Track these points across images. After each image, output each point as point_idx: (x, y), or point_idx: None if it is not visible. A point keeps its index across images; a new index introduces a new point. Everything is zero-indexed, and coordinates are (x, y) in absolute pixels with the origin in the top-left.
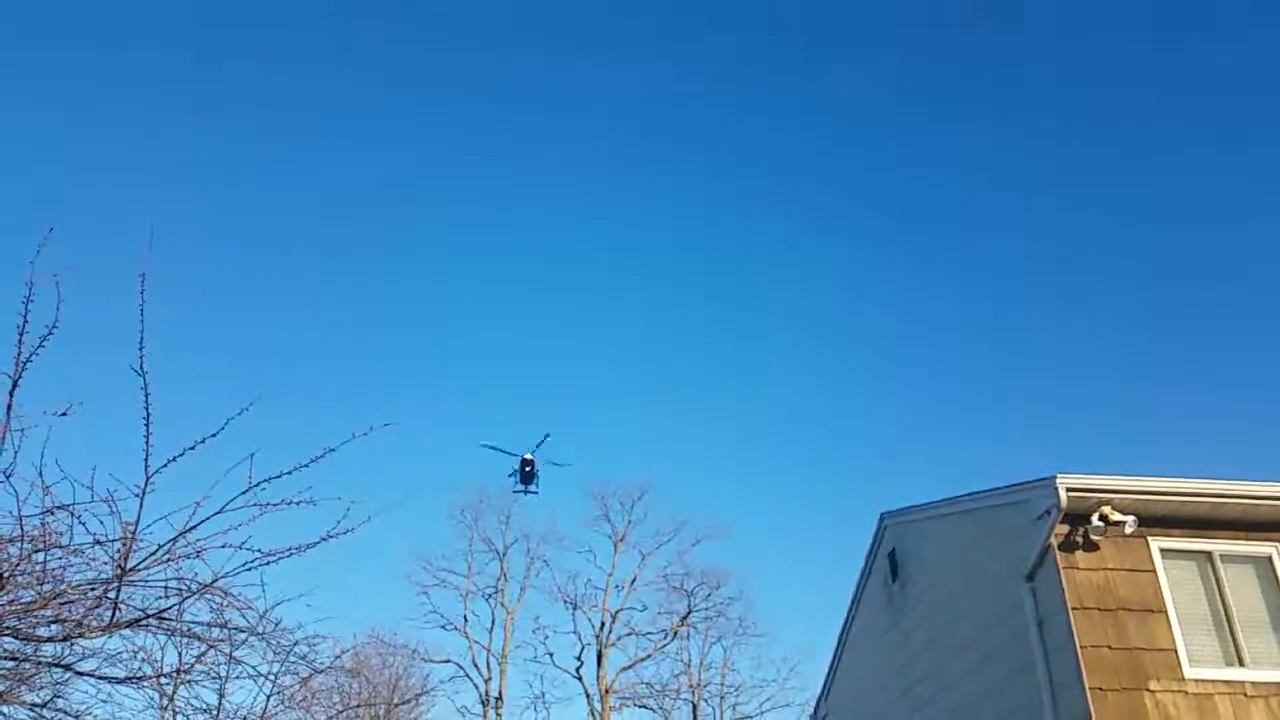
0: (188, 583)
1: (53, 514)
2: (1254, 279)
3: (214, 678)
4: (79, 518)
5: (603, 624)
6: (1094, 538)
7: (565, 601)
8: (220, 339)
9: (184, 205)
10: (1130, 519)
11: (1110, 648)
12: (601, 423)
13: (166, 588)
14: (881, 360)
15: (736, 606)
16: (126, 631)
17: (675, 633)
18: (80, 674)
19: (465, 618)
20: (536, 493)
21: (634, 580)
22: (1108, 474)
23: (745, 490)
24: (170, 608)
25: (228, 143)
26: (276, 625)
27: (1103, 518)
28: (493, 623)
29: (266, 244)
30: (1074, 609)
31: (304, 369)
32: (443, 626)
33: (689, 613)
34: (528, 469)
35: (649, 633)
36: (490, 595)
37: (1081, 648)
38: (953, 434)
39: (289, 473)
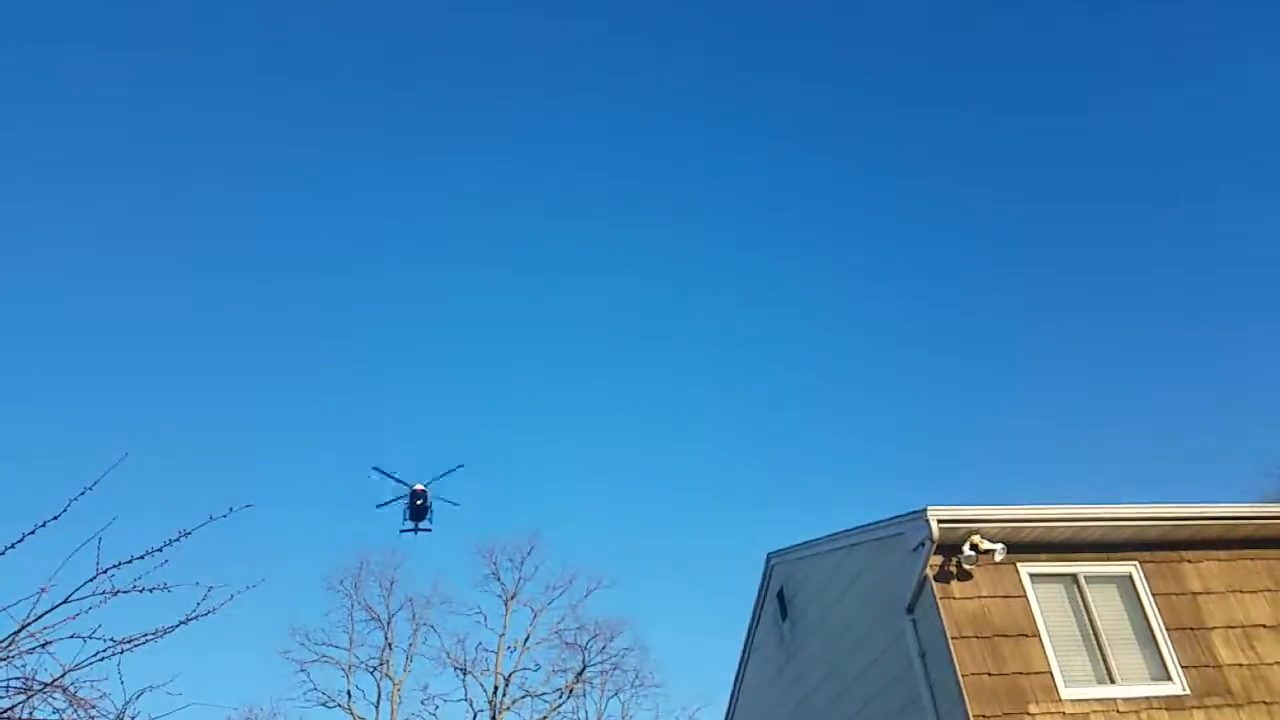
0: (31, 681)
1: None
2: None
3: None
4: None
5: (496, 688)
6: (967, 567)
7: (455, 668)
8: (71, 405)
9: None
10: (999, 547)
11: (990, 674)
12: (485, 477)
13: (8, 687)
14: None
15: (632, 658)
16: None
17: (571, 690)
18: None
19: (349, 693)
20: (429, 529)
21: (527, 639)
22: (976, 504)
23: (632, 538)
24: (13, 708)
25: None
26: None
27: (973, 547)
28: (379, 696)
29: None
30: (953, 638)
31: (162, 435)
32: (325, 704)
33: (584, 668)
34: (419, 503)
35: (544, 693)
36: (375, 668)
37: (963, 676)
38: (828, 472)
39: (141, 557)
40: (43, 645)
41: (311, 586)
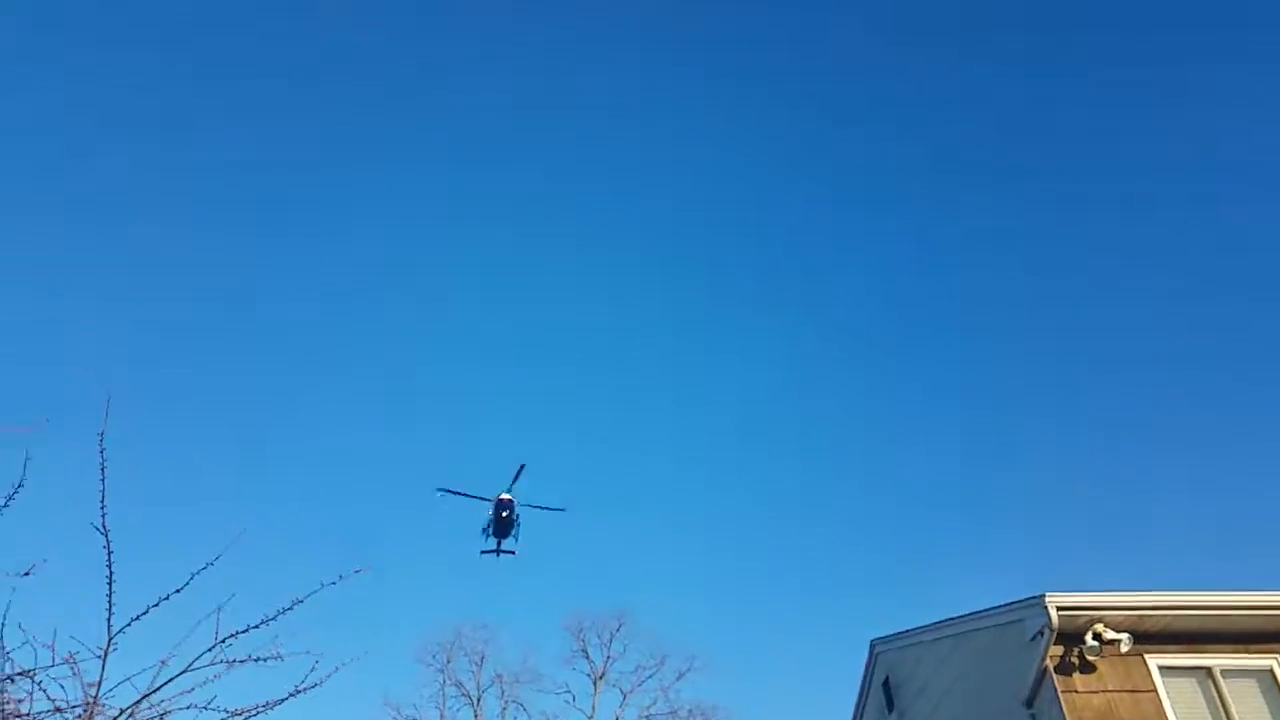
0: None
1: (12, 681)
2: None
3: None
4: (39, 683)
5: None
6: (1090, 658)
7: None
8: (190, 483)
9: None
10: (1125, 637)
11: None
12: (574, 546)
13: None
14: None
15: None
16: None
17: None
18: None
19: None
20: (514, 553)
21: None
22: (1098, 591)
23: (726, 616)
24: None
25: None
26: None
27: (1097, 636)
28: None
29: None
30: None
31: (277, 509)
32: None
33: None
34: (504, 515)
35: None
36: None
37: None
38: (934, 553)
39: (256, 626)
40: (161, 716)
41: (406, 655)
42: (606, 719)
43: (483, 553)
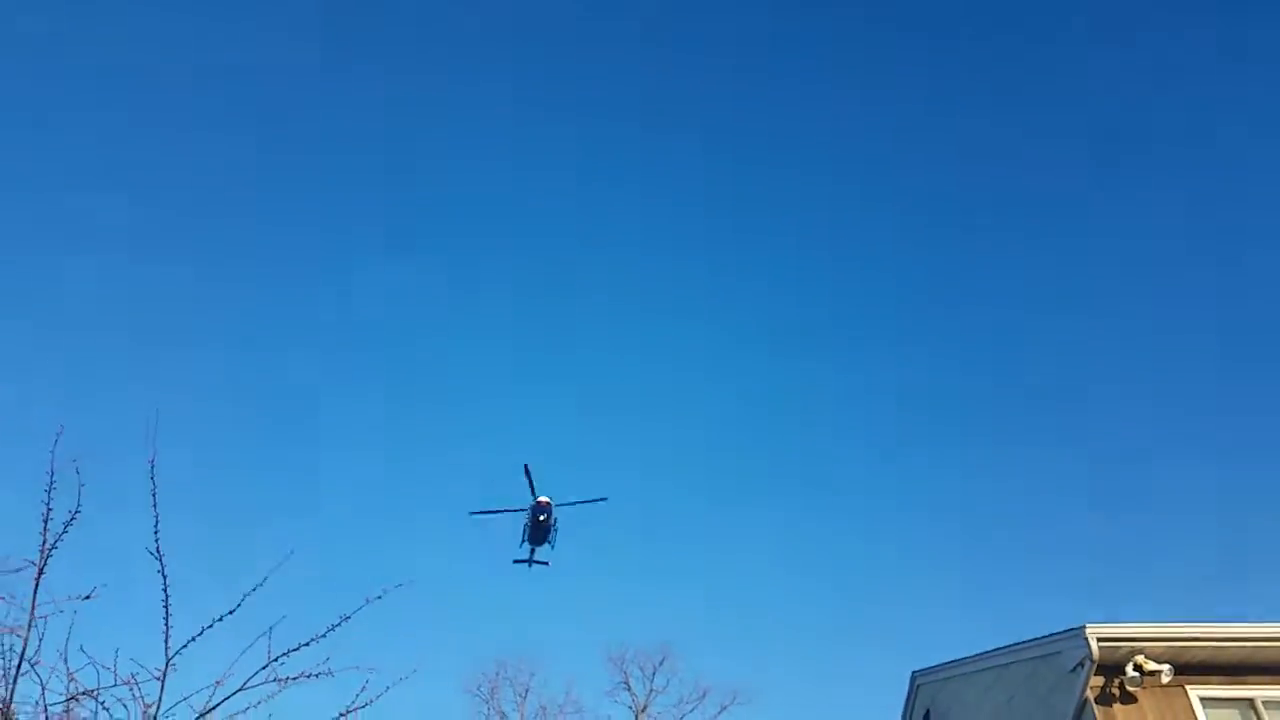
0: None
1: (77, 700)
2: None
3: None
4: (102, 703)
5: None
6: (1130, 689)
7: None
8: (238, 502)
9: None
10: (1166, 668)
11: None
12: (615, 580)
13: None
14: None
15: None
16: None
17: None
18: None
19: None
20: (547, 564)
21: None
22: (1138, 621)
23: (766, 653)
24: None
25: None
26: None
27: (1138, 668)
28: None
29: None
30: None
31: (324, 521)
32: None
33: None
34: (541, 519)
35: None
36: None
37: None
38: (969, 584)
39: (306, 644)
40: None
41: (452, 686)
42: None
43: (515, 562)
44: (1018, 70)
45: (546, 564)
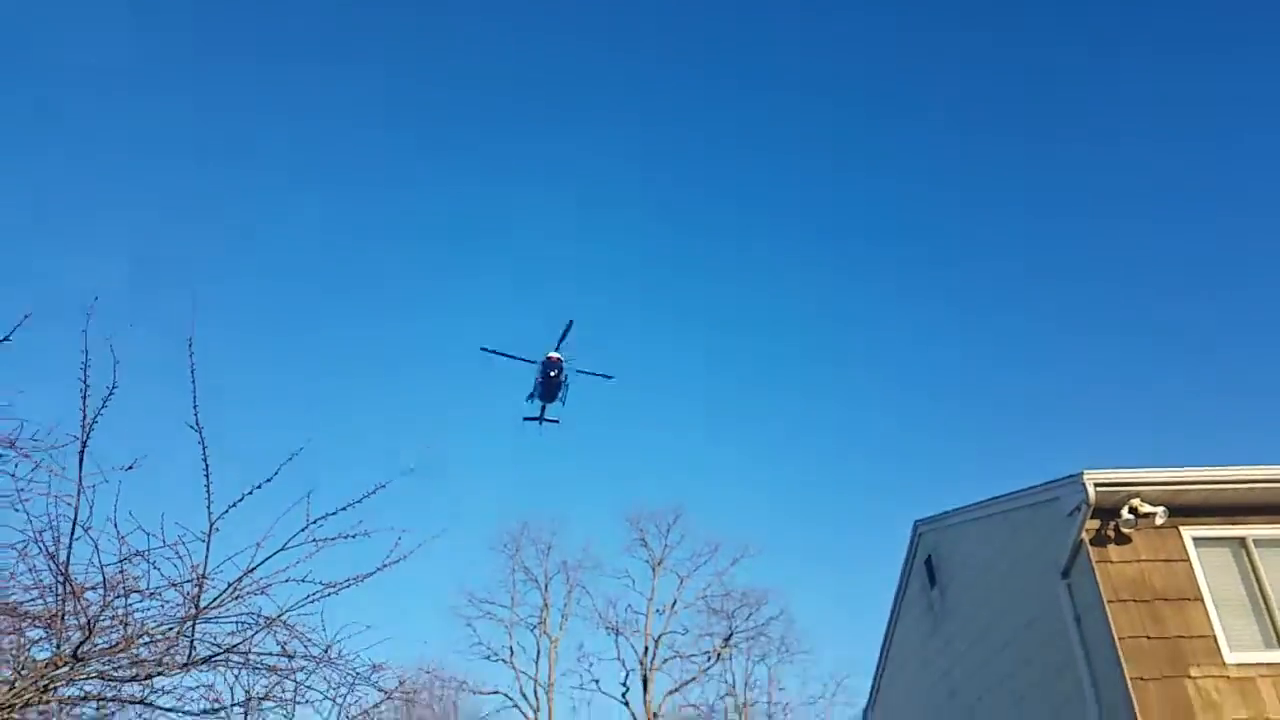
0: (255, 618)
1: (130, 561)
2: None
3: (282, 710)
4: (153, 563)
5: (646, 649)
6: (1125, 531)
7: (607, 628)
8: (274, 370)
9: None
10: (1160, 510)
11: (1149, 637)
12: (631, 443)
13: (237, 624)
14: (896, 371)
15: (777, 625)
16: (201, 668)
17: (719, 655)
18: (160, 710)
19: (510, 649)
20: (557, 421)
21: (674, 604)
22: (1135, 467)
23: (775, 508)
24: (241, 642)
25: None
26: (340, 654)
27: (1133, 510)
28: (538, 653)
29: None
30: (1110, 602)
31: (353, 393)
32: (488, 658)
33: (731, 634)
34: (553, 375)
35: (692, 655)
36: (534, 626)
37: (1120, 639)
38: (976, 438)
39: (343, 509)
40: (262, 590)
41: (477, 545)
42: (665, 601)
43: (525, 419)
44: None
45: (556, 422)
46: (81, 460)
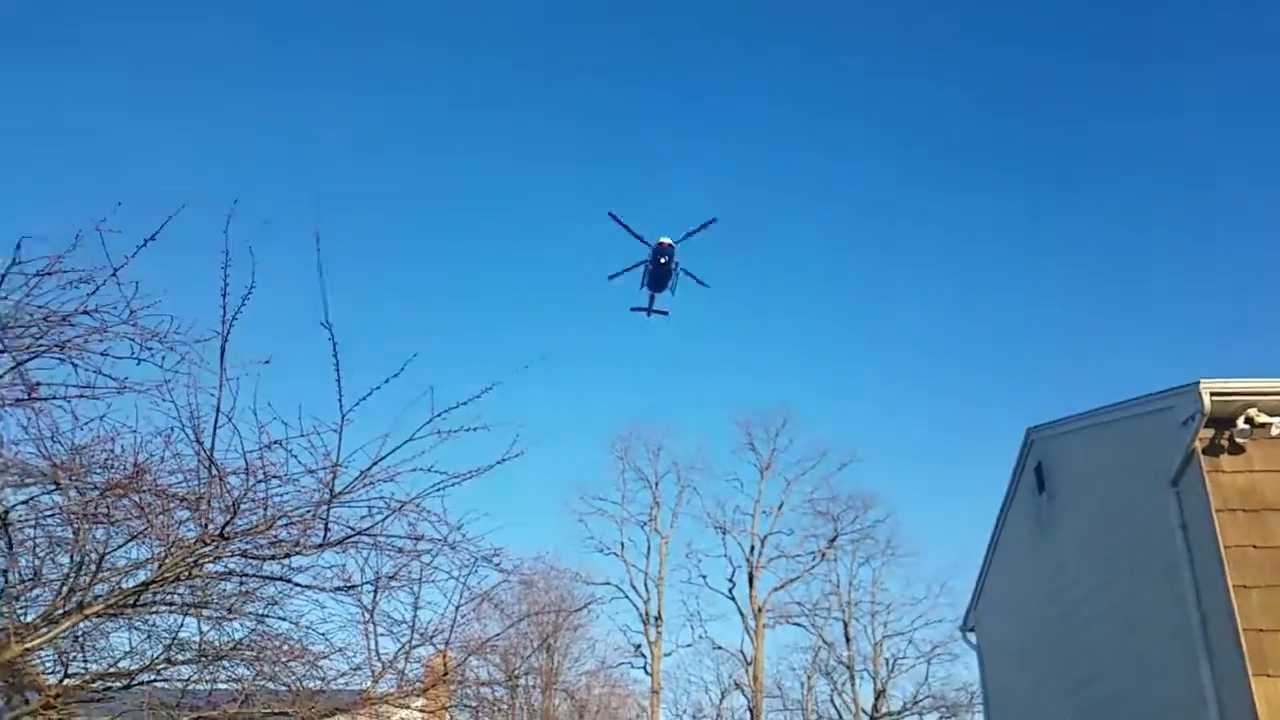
0: (385, 503)
1: (270, 448)
2: None
3: (410, 589)
4: (290, 451)
5: (752, 548)
6: (1239, 440)
7: (716, 527)
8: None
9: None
10: (1277, 420)
11: (1255, 547)
12: (741, 349)
13: (368, 508)
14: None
15: (883, 528)
16: (335, 548)
17: (823, 555)
18: (298, 586)
19: (622, 544)
20: (666, 313)
21: (781, 506)
22: (1253, 378)
23: (885, 414)
24: (372, 526)
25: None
26: (463, 537)
27: (1249, 420)
28: (648, 548)
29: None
30: (1218, 511)
31: (476, 300)
32: (601, 551)
33: (836, 536)
34: (663, 261)
35: (798, 555)
36: (645, 523)
37: (1225, 547)
38: (1094, 347)
39: (465, 403)
40: (391, 478)
41: (590, 450)
42: (772, 503)
43: (633, 309)
44: None
45: (666, 313)
46: (223, 354)
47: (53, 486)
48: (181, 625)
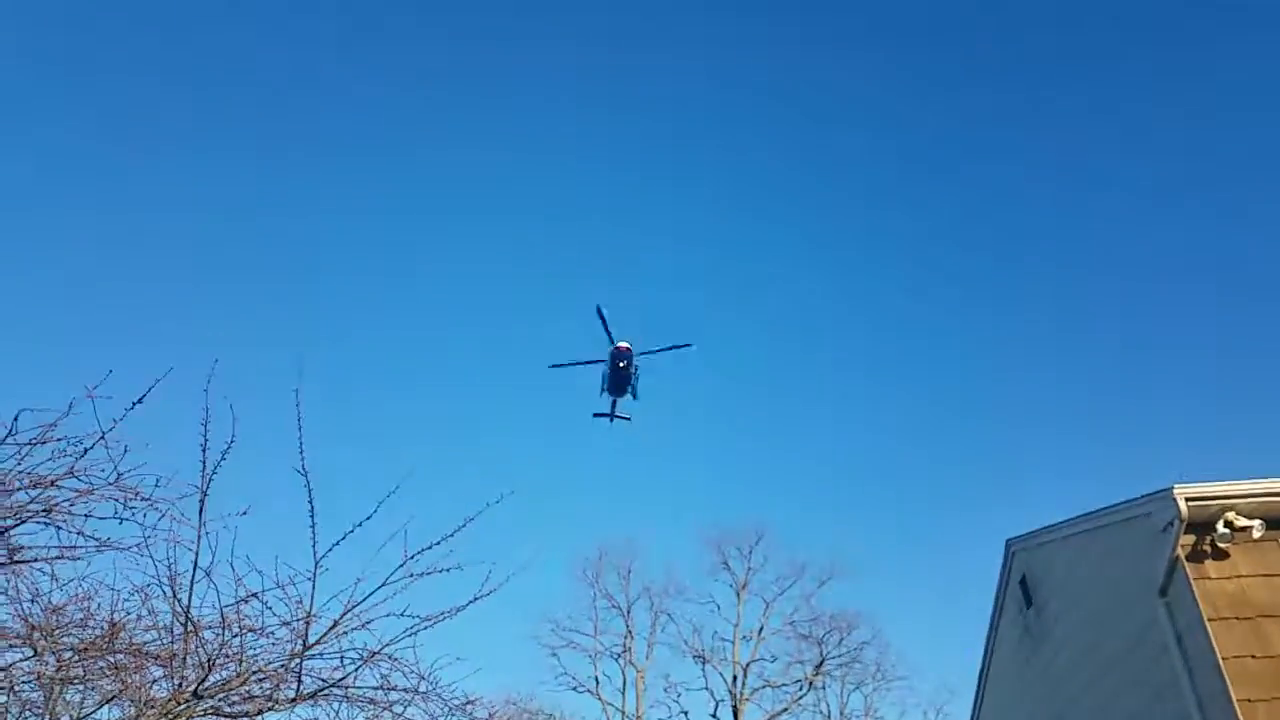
0: (359, 652)
1: (246, 601)
2: None
3: None
4: (266, 603)
5: (735, 678)
6: (1221, 545)
7: (694, 656)
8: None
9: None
10: (1257, 523)
11: (1254, 657)
12: (708, 466)
13: (342, 658)
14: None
15: (871, 650)
16: (308, 701)
17: (811, 683)
18: None
19: (596, 679)
20: (628, 419)
21: (761, 630)
22: (1227, 480)
23: (859, 526)
24: (346, 677)
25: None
26: (436, 685)
27: (1228, 524)
28: (624, 683)
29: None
30: (1210, 620)
31: (442, 439)
32: (575, 689)
33: (822, 661)
34: (621, 365)
35: (784, 684)
36: (619, 655)
37: (1224, 659)
38: (1068, 454)
39: (436, 544)
40: (364, 625)
41: (559, 575)
42: (752, 627)
43: (595, 415)
44: None
45: (628, 419)
46: (202, 509)
47: (30, 652)
48: None
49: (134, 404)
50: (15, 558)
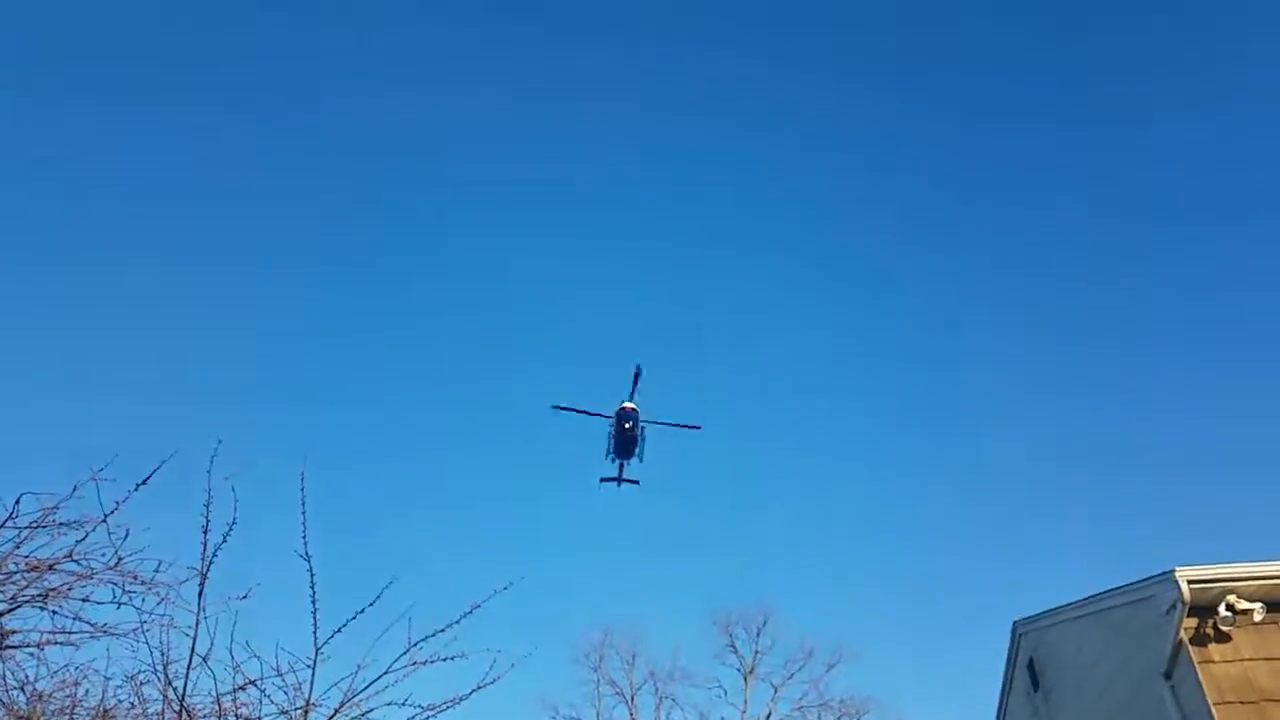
0: None
1: (243, 689)
2: None
3: None
4: (264, 690)
5: None
6: (1224, 628)
7: None
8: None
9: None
10: (1259, 606)
11: None
12: (715, 545)
13: None
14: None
15: None
16: None
17: None
18: None
19: None
20: (637, 483)
21: (769, 716)
22: (1228, 562)
23: (865, 608)
24: None
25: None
26: None
27: (1230, 607)
28: None
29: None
30: (1215, 704)
31: (444, 525)
32: None
33: None
34: (627, 427)
35: None
36: None
37: None
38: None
39: (441, 631)
40: (364, 714)
41: (558, 657)
42: (759, 713)
43: (602, 480)
44: None
45: (636, 483)
46: (201, 593)
47: None
48: None
49: (137, 486)
50: (4, 643)
